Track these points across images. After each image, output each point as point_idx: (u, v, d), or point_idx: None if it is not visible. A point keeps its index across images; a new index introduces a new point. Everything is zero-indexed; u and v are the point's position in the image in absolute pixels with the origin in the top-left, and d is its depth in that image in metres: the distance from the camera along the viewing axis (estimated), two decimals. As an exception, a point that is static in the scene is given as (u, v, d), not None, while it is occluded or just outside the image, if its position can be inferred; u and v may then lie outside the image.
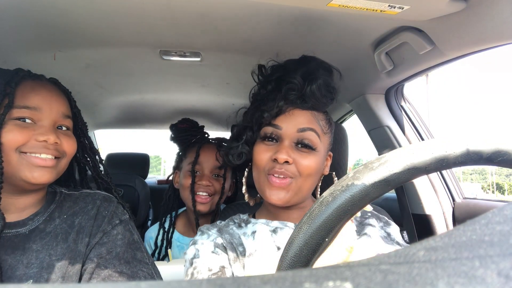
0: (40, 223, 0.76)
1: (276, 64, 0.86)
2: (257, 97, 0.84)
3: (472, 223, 0.17)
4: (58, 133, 0.77)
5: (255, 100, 0.85)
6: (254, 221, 0.81)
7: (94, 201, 0.83)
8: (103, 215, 0.81)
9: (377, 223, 0.81)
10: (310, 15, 0.87)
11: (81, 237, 0.77)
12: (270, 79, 0.83)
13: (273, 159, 0.75)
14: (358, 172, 0.37)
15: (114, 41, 1.05)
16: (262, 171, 0.78)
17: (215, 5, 0.82)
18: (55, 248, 0.74)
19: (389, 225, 0.82)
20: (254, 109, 0.83)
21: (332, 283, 0.13)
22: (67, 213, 0.80)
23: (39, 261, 0.71)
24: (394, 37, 0.97)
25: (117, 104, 1.90)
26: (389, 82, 1.24)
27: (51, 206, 0.80)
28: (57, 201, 0.82)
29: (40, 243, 0.74)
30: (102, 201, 0.84)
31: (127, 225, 0.83)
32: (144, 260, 0.80)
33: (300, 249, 0.36)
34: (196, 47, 1.11)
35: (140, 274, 0.77)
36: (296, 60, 0.84)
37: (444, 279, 0.13)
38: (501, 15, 0.73)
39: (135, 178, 2.14)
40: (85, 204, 0.82)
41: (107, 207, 0.83)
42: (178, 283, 0.14)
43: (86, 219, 0.79)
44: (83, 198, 0.84)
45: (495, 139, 0.35)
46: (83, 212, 0.80)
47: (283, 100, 0.77)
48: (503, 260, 0.14)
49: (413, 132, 1.35)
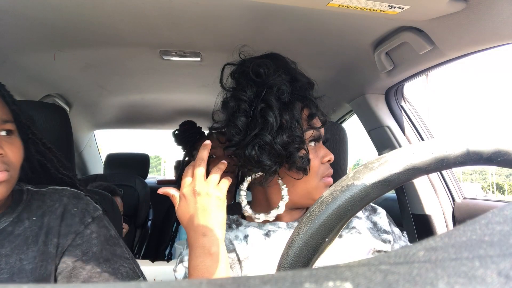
0: (7, 224, 0.71)
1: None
2: (284, 98, 0.72)
3: (472, 223, 0.17)
4: (1, 142, 0.68)
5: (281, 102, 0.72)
6: (245, 223, 0.77)
7: (61, 199, 0.76)
8: (72, 213, 0.75)
9: (363, 213, 0.78)
10: (310, 15, 0.87)
11: (50, 238, 0.71)
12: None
13: (324, 162, 0.73)
14: (358, 172, 0.37)
15: (114, 41, 1.05)
16: (316, 176, 0.72)
17: (215, 5, 0.82)
18: (26, 252, 0.68)
19: (375, 212, 0.79)
20: (291, 111, 0.71)
21: (332, 283, 0.13)
22: (36, 213, 0.74)
23: (9, 266, 0.66)
24: (394, 37, 0.97)
25: (117, 104, 1.90)
26: (389, 82, 1.24)
27: (19, 207, 0.74)
28: (24, 201, 0.75)
29: (9, 246, 0.68)
30: (70, 198, 0.77)
31: (101, 222, 0.78)
32: (125, 255, 0.76)
33: (300, 249, 0.36)
34: (196, 47, 1.11)
35: (122, 270, 0.73)
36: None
37: (444, 279, 0.13)
38: (501, 15, 0.73)
39: (135, 178, 2.14)
40: (52, 203, 0.76)
41: (76, 205, 0.77)
42: (178, 283, 0.14)
43: (54, 218, 0.73)
44: (50, 195, 0.77)
45: (495, 139, 0.35)
46: (50, 211, 0.74)
47: (315, 107, 0.73)
48: (503, 260, 0.14)
49: (413, 132, 1.35)
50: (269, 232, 0.73)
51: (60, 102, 1.63)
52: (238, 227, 0.76)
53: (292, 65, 0.76)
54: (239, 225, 0.77)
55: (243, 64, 0.75)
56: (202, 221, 0.61)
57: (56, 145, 0.97)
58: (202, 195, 0.62)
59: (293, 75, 0.73)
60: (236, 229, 0.76)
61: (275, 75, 0.70)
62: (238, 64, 0.76)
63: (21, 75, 1.28)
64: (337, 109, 1.69)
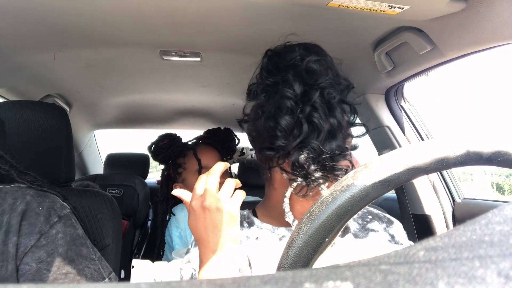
0: None
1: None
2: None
3: (472, 223, 0.17)
4: None
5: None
6: (258, 223, 0.73)
7: (24, 196, 0.72)
8: (37, 212, 0.71)
9: (380, 225, 0.75)
10: (310, 15, 0.87)
11: (10, 237, 0.67)
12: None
13: None
14: (358, 172, 0.37)
15: (114, 41, 1.05)
16: None
17: (215, 5, 0.82)
18: None
19: (392, 224, 0.76)
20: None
21: (332, 283, 0.13)
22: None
23: None
24: (394, 37, 0.97)
25: (117, 104, 1.90)
26: (389, 82, 1.24)
27: None
28: None
29: None
30: (34, 196, 0.73)
31: (68, 220, 0.74)
32: (90, 256, 0.74)
33: (300, 249, 0.36)
34: (196, 47, 1.11)
35: (86, 271, 0.71)
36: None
37: (444, 279, 0.13)
38: (501, 15, 0.73)
39: (135, 178, 2.14)
40: (14, 201, 0.72)
41: (41, 203, 0.73)
42: (178, 283, 0.14)
43: (14, 216, 0.69)
44: (13, 193, 0.73)
45: (495, 139, 0.35)
46: (11, 209, 0.70)
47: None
48: (503, 260, 0.14)
49: (413, 132, 1.35)
50: (283, 238, 0.70)
51: (60, 102, 1.63)
52: (250, 227, 0.73)
53: (335, 61, 0.69)
54: (251, 224, 0.73)
55: (289, 52, 0.67)
56: (212, 237, 0.56)
57: (56, 145, 0.98)
58: (212, 211, 0.56)
59: (337, 74, 0.67)
60: (248, 228, 0.72)
61: (327, 76, 0.63)
62: (281, 52, 0.69)
63: (21, 75, 1.28)
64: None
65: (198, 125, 2.37)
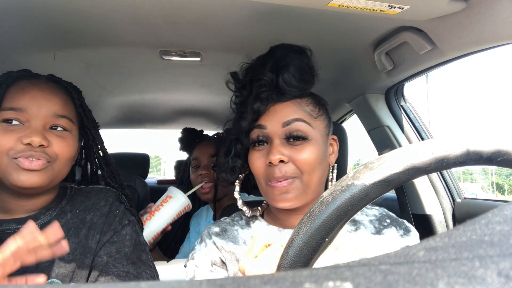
0: (52, 217, 0.76)
1: (246, 65, 0.81)
2: (237, 105, 0.81)
3: (472, 223, 0.17)
4: (51, 134, 0.72)
5: (236, 109, 0.81)
6: (265, 225, 0.77)
7: (107, 199, 0.83)
8: (115, 214, 0.81)
9: (397, 232, 0.74)
10: (310, 15, 0.87)
11: (92, 234, 0.76)
12: (243, 83, 0.79)
13: (268, 163, 0.71)
14: (358, 172, 0.37)
15: (114, 41, 1.05)
16: (262, 179, 0.73)
17: (215, 5, 0.82)
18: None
19: (409, 233, 0.74)
20: (236, 119, 0.78)
21: (332, 283, 0.13)
22: (79, 207, 0.79)
23: None
24: (394, 37, 0.97)
25: (117, 104, 1.90)
26: (389, 82, 1.24)
27: (63, 201, 0.79)
28: (68, 196, 0.81)
29: None
30: (114, 199, 0.84)
31: (135, 226, 0.83)
32: (148, 263, 0.81)
33: (300, 249, 0.36)
34: (196, 47, 1.11)
35: (144, 275, 0.77)
36: (263, 55, 0.80)
37: (444, 279, 0.13)
38: (501, 15, 0.73)
39: (135, 178, 2.13)
40: (98, 200, 0.82)
41: (119, 207, 0.83)
42: (178, 283, 0.14)
43: (98, 215, 0.79)
44: (96, 193, 0.83)
45: (495, 139, 0.35)
46: (95, 208, 0.80)
47: (258, 101, 0.73)
48: (503, 260, 0.13)
49: (413, 132, 1.35)
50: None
51: (60, 102, 1.63)
52: (256, 227, 0.76)
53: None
54: (258, 225, 0.77)
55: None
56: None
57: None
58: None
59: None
60: (252, 229, 0.76)
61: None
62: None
63: (21, 75, 1.28)
64: (337, 109, 1.69)
65: (198, 125, 2.37)
